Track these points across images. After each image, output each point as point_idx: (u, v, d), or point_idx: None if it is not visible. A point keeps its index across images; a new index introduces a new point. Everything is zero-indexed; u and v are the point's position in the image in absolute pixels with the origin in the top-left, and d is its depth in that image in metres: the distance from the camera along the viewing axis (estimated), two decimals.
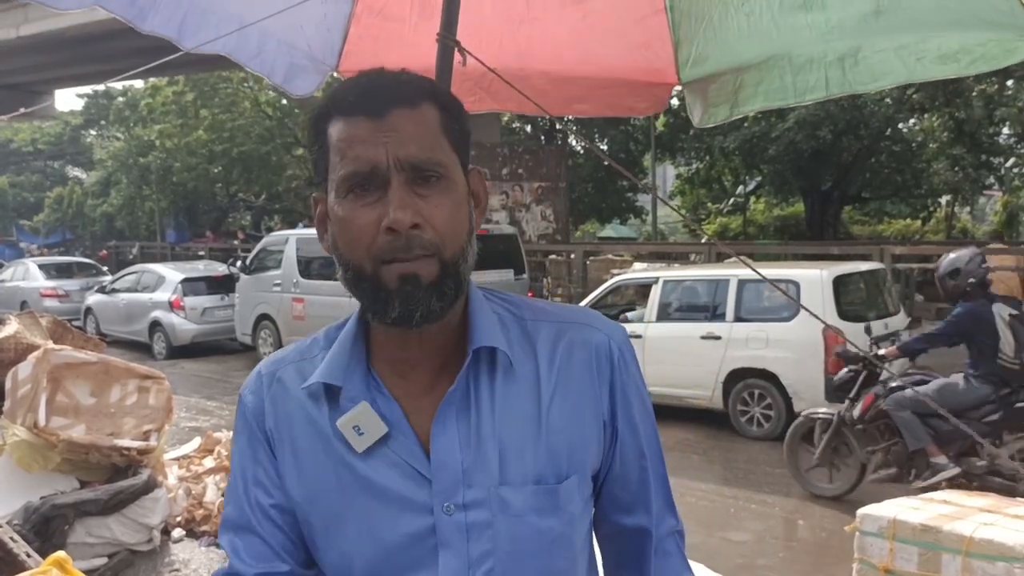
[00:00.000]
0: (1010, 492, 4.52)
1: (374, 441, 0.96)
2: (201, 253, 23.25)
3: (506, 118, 27.16)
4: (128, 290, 14.98)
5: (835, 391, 6.02)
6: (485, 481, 0.96)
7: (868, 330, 6.16)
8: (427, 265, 0.92)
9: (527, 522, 0.97)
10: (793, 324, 7.68)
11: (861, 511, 3.51)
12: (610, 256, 16.11)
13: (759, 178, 25.44)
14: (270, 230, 29.41)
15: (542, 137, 27.27)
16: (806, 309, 2.41)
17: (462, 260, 0.95)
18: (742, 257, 2.46)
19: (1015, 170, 22.71)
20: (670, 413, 8.26)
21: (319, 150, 0.97)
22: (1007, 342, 5.14)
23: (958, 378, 5.37)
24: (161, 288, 14.15)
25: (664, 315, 8.55)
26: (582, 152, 26.79)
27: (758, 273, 2.39)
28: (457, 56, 1.89)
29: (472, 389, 0.98)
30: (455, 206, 0.95)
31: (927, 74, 1.93)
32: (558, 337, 1.04)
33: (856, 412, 5.58)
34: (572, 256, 16.29)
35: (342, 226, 0.94)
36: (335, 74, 2.40)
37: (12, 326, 4.86)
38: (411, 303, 0.92)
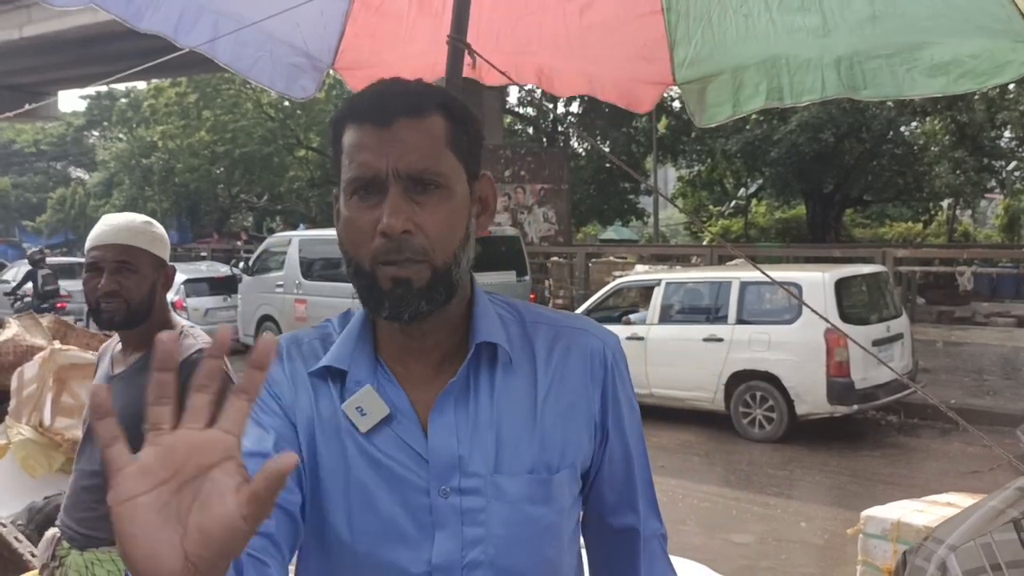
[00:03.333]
0: None
1: (376, 422, 1.01)
2: (203, 254, 23.28)
3: (508, 120, 27.18)
4: None
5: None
6: (481, 469, 1.01)
7: None
8: (418, 271, 0.97)
9: (520, 509, 1.02)
10: (795, 326, 7.68)
11: (865, 513, 3.51)
12: (612, 258, 16.13)
13: (761, 180, 25.42)
14: (272, 231, 29.43)
15: (544, 139, 27.28)
16: (814, 311, 2.42)
17: (454, 266, 1.00)
18: (749, 259, 2.46)
19: (1016, 173, 22.69)
20: (672, 415, 8.26)
21: (335, 153, 1.03)
22: None
23: None
24: None
25: (666, 317, 8.56)
26: (584, 154, 26.80)
27: (766, 275, 2.39)
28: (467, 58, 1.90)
29: (472, 381, 1.04)
30: (450, 214, 0.99)
31: (915, 88, 1.95)
32: (555, 339, 1.09)
33: None
34: (574, 258, 16.30)
35: (346, 225, 1.00)
36: (332, 71, 2.40)
37: (11, 329, 4.87)
38: (400, 305, 0.97)
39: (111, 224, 1.98)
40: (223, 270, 14.91)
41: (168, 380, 0.62)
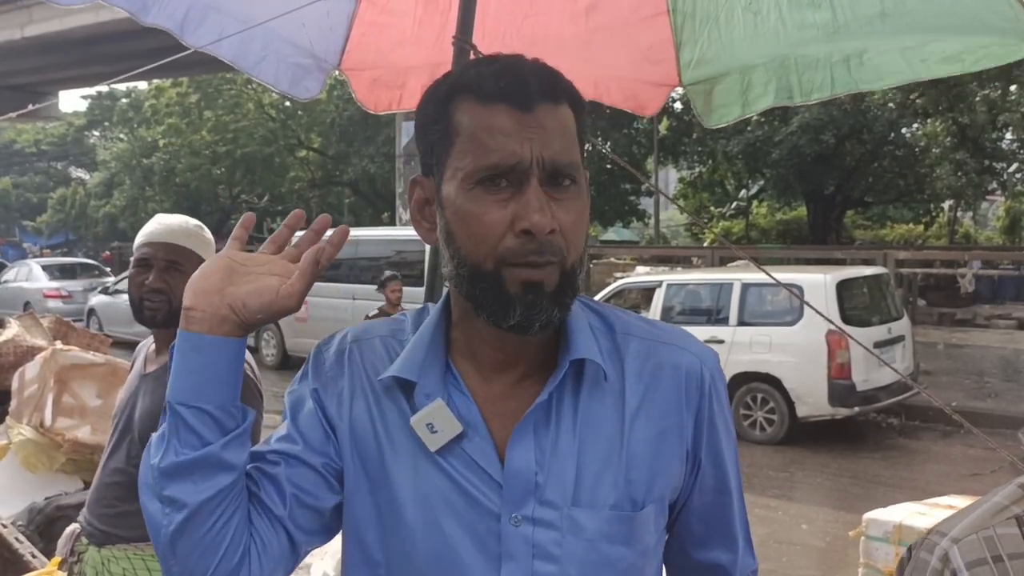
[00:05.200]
0: None
1: (448, 440, 0.92)
2: None
3: None
4: None
5: None
6: (558, 499, 0.92)
7: None
8: (551, 273, 0.88)
9: (597, 548, 0.92)
10: (796, 328, 7.68)
11: (867, 515, 3.51)
12: (613, 259, 16.13)
13: (762, 182, 25.40)
14: (272, 232, 29.35)
15: None
16: (817, 311, 2.42)
17: (580, 268, 0.91)
18: (752, 260, 2.46)
19: (1018, 175, 22.67)
20: None
21: (440, 131, 0.92)
22: None
23: None
24: None
25: (667, 319, 8.55)
26: (585, 155, 26.78)
27: (769, 276, 2.39)
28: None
29: (555, 401, 0.94)
30: (581, 212, 0.92)
31: (931, 73, 1.96)
32: (647, 356, 0.99)
33: None
34: None
35: (466, 220, 0.89)
36: (337, 73, 2.40)
37: (11, 329, 4.87)
38: (533, 311, 0.88)
39: (164, 223, 2.01)
40: None
41: (285, 236, 1.02)
